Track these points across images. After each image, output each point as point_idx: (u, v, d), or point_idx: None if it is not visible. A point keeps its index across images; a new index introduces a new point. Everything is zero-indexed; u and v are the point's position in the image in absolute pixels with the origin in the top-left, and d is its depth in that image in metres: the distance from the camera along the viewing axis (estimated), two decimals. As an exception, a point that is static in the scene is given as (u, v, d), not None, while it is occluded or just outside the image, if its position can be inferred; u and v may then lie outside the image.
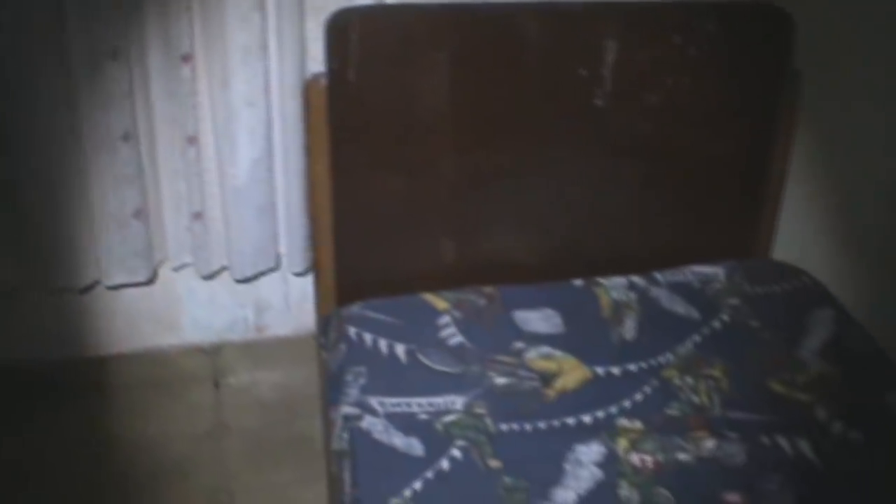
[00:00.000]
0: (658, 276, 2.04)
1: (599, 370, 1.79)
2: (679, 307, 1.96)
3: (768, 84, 1.96)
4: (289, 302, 2.52)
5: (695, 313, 1.94)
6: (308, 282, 2.39)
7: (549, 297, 1.95)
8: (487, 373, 1.75)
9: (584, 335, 1.87)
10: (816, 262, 2.11)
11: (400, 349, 1.78)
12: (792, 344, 1.88)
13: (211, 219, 2.27)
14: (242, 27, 2.06)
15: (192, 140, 2.15)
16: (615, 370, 1.79)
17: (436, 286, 1.96)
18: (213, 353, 2.49)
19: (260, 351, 2.53)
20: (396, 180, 1.88)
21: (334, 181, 1.85)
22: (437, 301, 1.91)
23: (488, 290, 1.96)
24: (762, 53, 1.94)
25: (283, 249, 2.39)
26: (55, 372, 2.33)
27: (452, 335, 1.83)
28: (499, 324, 1.88)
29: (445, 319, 1.87)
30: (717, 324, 1.92)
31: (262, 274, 2.39)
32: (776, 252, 2.18)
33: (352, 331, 1.82)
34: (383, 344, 1.79)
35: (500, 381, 1.74)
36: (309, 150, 1.84)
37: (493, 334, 1.85)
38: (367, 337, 1.81)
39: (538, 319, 1.90)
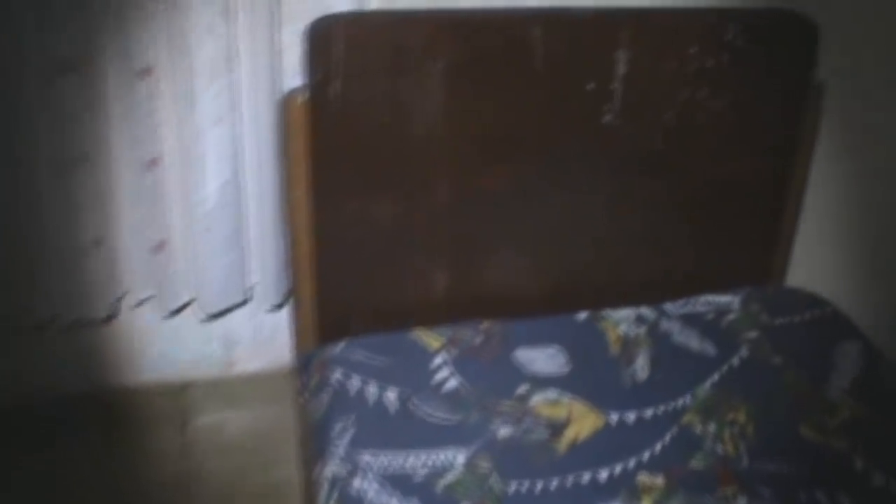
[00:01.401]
0: (668, 307, 1.88)
1: (613, 416, 1.61)
2: (693, 342, 1.79)
3: (790, 97, 1.81)
4: (260, 335, 2.33)
5: (711, 349, 1.78)
6: (281, 314, 2.21)
7: (553, 333, 1.79)
8: (490, 421, 1.57)
9: (592, 376, 1.70)
10: (832, 286, 1.95)
11: (391, 395, 1.60)
12: (819, 382, 1.72)
13: (175, 249, 2.07)
14: (208, 38, 1.86)
15: (154, 162, 1.95)
16: (630, 416, 1.62)
17: (428, 320, 1.78)
18: (180, 391, 2.30)
19: (230, 389, 2.34)
20: (385, 205, 1.70)
21: (315, 207, 1.67)
22: (430, 338, 1.73)
23: (486, 324, 1.78)
24: (785, 64, 1.78)
25: (254, 280, 2.19)
26: (7, 416, 2.12)
27: (448, 378, 1.65)
28: (499, 364, 1.70)
29: (440, 359, 1.68)
30: (735, 360, 1.76)
31: (232, 309, 2.18)
32: (791, 277, 2.02)
33: (336, 373, 1.63)
34: (372, 389, 1.61)
35: (505, 431, 1.56)
36: (286, 173, 1.65)
37: (493, 376, 1.67)
38: (354, 381, 1.62)
39: (542, 358, 1.73)
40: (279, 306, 2.21)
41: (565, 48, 1.66)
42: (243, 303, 2.22)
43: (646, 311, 1.86)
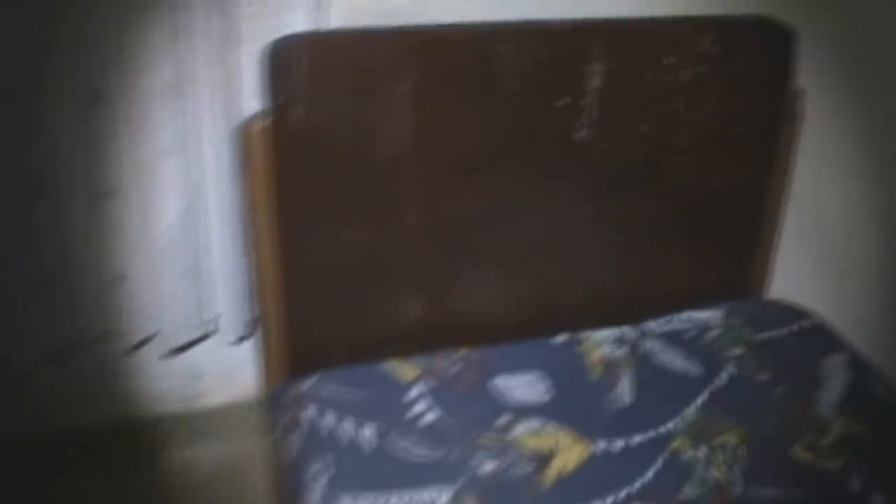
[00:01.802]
0: (649, 325, 1.83)
1: (599, 445, 1.55)
2: (677, 362, 1.74)
3: (769, 105, 1.76)
4: (225, 367, 2.24)
5: (695, 368, 1.73)
6: (247, 344, 2.12)
7: (531, 358, 1.72)
8: (472, 456, 1.50)
9: (575, 402, 1.64)
10: (813, 296, 1.90)
11: (368, 431, 1.52)
12: (808, 399, 1.67)
13: (134, 283, 1.97)
14: (160, 61, 1.77)
15: (108, 193, 1.86)
16: (617, 444, 1.56)
17: (403, 349, 1.71)
18: (144, 428, 2.20)
19: (196, 423, 2.24)
20: (354, 232, 1.63)
21: (280, 238, 1.59)
22: (406, 369, 1.66)
23: (462, 352, 1.71)
24: (762, 72, 1.73)
25: (218, 312, 2.10)
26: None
27: (426, 410, 1.58)
28: (477, 393, 1.63)
29: (416, 391, 1.61)
30: (721, 379, 1.71)
31: (196, 342, 2.09)
32: (772, 288, 1.97)
33: (309, 410, 1.55)
34: (348, 426, 1.53)
35: (488, 466, 1.49)
36: (249, 203, 1.57)
37: (472, 407, 1.60)
38: (329, 418, 1.55)
39: (522, 385, 1.66)
40: (244, 338, 2.12)
41: (537, 63, 1.60)
42: (207, 336, 2.13)
43: (626, 330, 1.80)
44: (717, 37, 1.66)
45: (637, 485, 1.48)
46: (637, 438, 1.57)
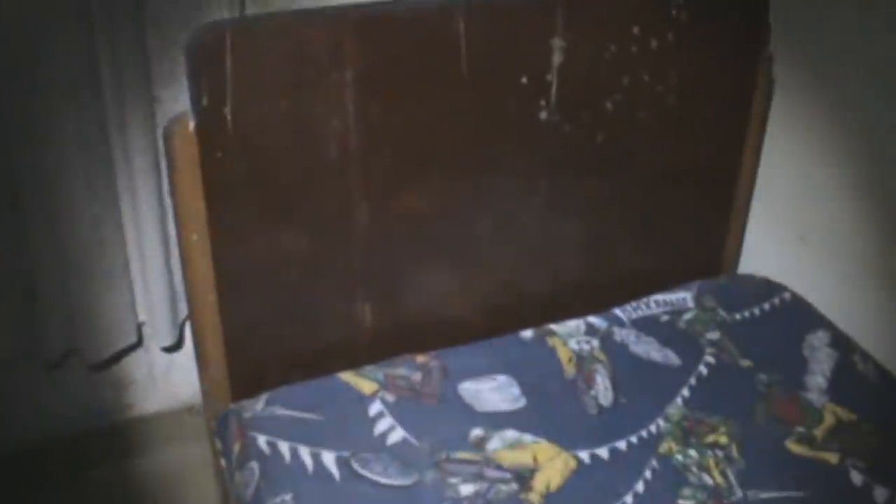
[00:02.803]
0: (618, 312, 1.70)
1: (583, 455, 1.42)
2: (654, 351, 1.62)
3: (740, 75, 1.62)
4: (154, 373, 2.06)
5: (673, 358, 1.61)
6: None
7: (497, 359, 1.59)
8: (447, 479, 1.36)
9: (551, 406, 1.51)
10: (783, 272, 1.79)
11: (329, 458, 1.38)
12: (795, 384, 1.58)
13: (46, 298, 1.78)
14: (64, 56, 1.56)
15: (13, 200, 1.67)
16: (602, 452, 1.44)
17: (355, 359, 1.56)
18: (70, 445, 2.02)
19: (126, 436, 2.06)
20: (296, 237, 1.46)
21: (214, 250, 1.40)
22: (362, 382, 1.51)
23: (421, 358, 1.57)
24: (733, 38, 1.60)
25: (141, 319, 1.92)
26: None
27: (391, 429, 1.44)
28: (444, 404, 1.49)
29: (377, 407, 1.47)
30: (702, 368, 1.60)
31: (121, 354, 1.91)
32: (742, 266, 1.86)
33: (261, 440, 1.40)
34: (305, 454, 1.38)
35: (467, 489, 1.36)
36: (176, 213, 1.39)
37: (440, 421, 1.47)
38: (283, 447, 1.39)
39: (491, 391, 1.53)
40: (174, 347, 1.95)
41: (492, 41, 1.43)
42: (132, 346, 1.95)
43: (595, 320, 1.67)
44: (684, 2, 1.51)
45: (629, 497, 1.37)
46: (622, 444, 1.45)
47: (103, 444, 2.06)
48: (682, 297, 1.73)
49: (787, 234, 1.77)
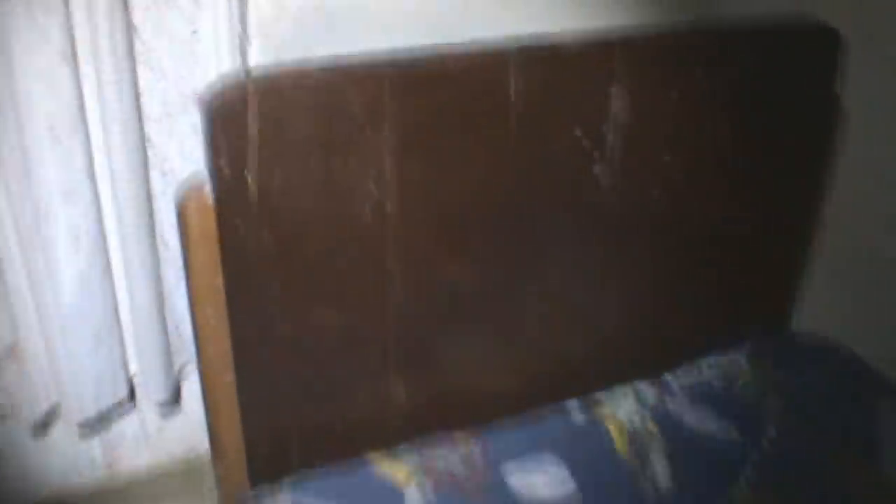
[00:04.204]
0: (669, 378, 1.55)
1: (646, 550, 1.26)
2: (710, 424, 1.48)
3: (807, 116, 1.47)
4: (148, 429, 1.88)
5: (733, 432, 1.48)
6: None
7: (543, 438, 1.45)
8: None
9: (606, 492, 1.35)
10: (842, 330, 1.65)
11: (363, 564, 1.21)
12: (872, 460, 1.44)
13: (28, 354, 1.60)
14: (47, 89, 1.38)
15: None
16: (666, 545, 1.27)
17: (387, 437, 1.40)
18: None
19: (114, 496, 1.89)
20: (325, 312, 1.29)
21: (233, 326, 1.23)
22: (396, 467, 1.36)
23: (460, 435, 1.41)
24: (801, 80, 1.43)
25: (133, 371, 1.74)
26: None
27: (431, 528, 1.27)
28: (489, 495, 1.32)
29: (415, 498, 1.30)
30: (765, 443, 1.45)
31: (110, 412, 1.74)
32: (800, 323, 1.71)
33: (285, 541, 1.22)
34: (337, 557, 1.21)
35: None
36: (191, 291, 1.21)
37: (486, 515, 1.29)
38: (312, 548, 1.22)
39: (538, 475, 1.39)
40: (167, 403, 1.78)
41: (545, 90, 1.26)
42: (121, 403, 1.77)
43: (644, 387, 1.52)
44: (752, 43, 1.36)
45: None
46: (687, 536, 1.29)
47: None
48: (735, 358, 1.59)
49: (844, 289, 1.62)
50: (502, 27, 1.34)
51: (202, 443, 1.47)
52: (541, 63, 1.24)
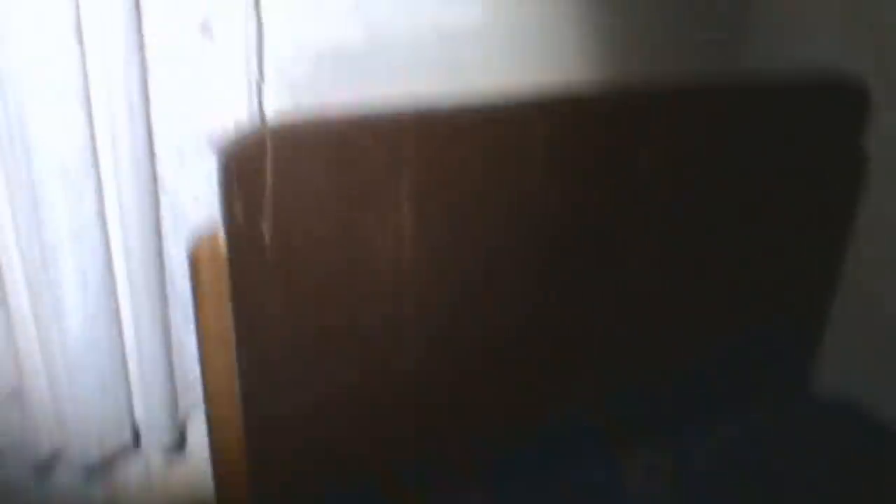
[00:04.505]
0: (688, 442, 1.50)
1: None
2: (732, 492, 1.41)
3: (836, 177, 1.43)
4: (152, 476, 1.84)
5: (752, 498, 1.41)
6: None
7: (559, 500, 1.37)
8: None
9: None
10: (861, 387, 1.60)
11: None
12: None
13: (30, 398, 1.58)
14: (56, 123, 1.36)
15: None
16: None
17: (395, 494, 1.34)
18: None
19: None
20: (337, 366, 1.24)
21: (243, 376, 1.19)
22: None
23: (476, 498, 1.36)
24: (830, 140, 1.40)
25: (139, 416, 1.71)
26: None
27: None
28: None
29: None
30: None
31: (115, 457, 1.71)
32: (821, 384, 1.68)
33: None
34: None
35: None
36: (201, 342, 1.17)
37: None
38: None
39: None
40: (172, 449, 1.75)
41: (571, 142, 1.22)
42: (125, 447, 1.74)
43: (665, 451, 1.47)
44: (778, 100, 1.32)
45: None
46: None
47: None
48: (758, 422, 1.55)
49: (867, 351, 1.58)
50: (523, 74, 1.31)
51: (207, 488, 1.44)
52: (565, 115, 1.21)
